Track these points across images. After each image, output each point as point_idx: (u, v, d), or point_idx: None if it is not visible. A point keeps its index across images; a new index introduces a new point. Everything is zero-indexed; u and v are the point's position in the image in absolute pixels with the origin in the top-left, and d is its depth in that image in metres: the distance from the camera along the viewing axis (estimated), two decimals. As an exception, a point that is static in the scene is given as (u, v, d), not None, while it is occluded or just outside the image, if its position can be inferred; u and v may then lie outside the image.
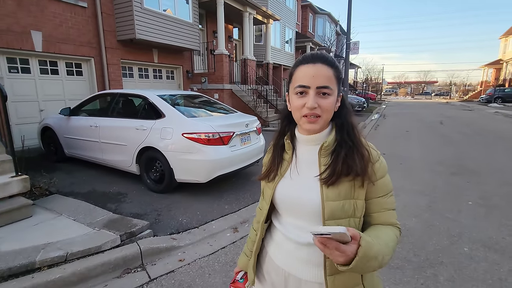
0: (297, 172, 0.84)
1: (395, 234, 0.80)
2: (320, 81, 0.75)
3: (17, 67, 5.83)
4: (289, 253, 0.85)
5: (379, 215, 0.82)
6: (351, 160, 0.77)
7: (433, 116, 15.30)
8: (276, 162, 0.89)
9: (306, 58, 0.79)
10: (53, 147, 5.05)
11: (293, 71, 0.81)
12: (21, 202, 2.84)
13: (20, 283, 1.95)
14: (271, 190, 0.88)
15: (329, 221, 0.76)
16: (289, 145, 0.86)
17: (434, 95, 57.86)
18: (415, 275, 2.19)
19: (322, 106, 0.76)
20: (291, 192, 0.83)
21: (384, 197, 0.81)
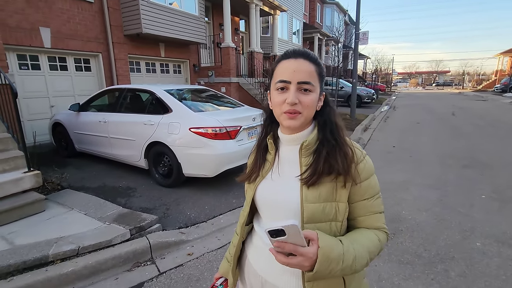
0: (278, 173, 0.82)
1: (378, 237, 0.77)
2: (301, 76, 0.72)
3: (27, 63, 5.91)
4: (266, 259, 0.79)
5: (365, 219, 0.78)
6: (333, 159, 0.74)
7: (445, 107, 14.92)
8: (258, 164, 0.87)
9: (288, 53, 0.77)
10: (64, 143, 5.14)
11: (274, 67, 0.78)
12: (34, 197, 2.91)
13: (35, 276, 2.01)
14: (252, 191, 0.85)
15: (308, 225, 0.73)
16: (272, 145, 0.84)
17: (444, 85, 56.31)
18: (425, 270, 2.16)
19: (303, 103, 0.73)
20: (271, 193, 0.81)
21: (370, 200, 0.78)
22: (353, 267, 0.66)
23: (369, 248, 0.72)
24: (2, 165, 2.94)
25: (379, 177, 0.82)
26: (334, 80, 11.37)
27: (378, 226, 0.79)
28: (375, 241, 0.75)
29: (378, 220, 0.79)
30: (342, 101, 13.68)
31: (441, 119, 10.41)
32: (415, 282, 2.03)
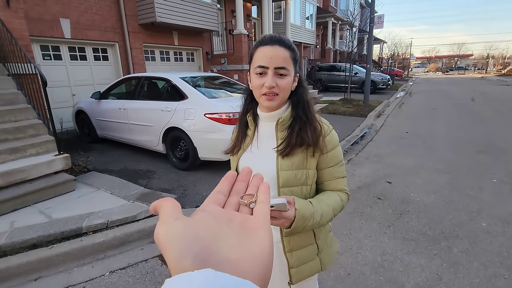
0: (257, 146, 0.94)
1: (340, 197, 0.93)
2: (277, 62, 0.82)
3: (50, 54, 6.20)
4: None
5: (330, 183, 0.94)
6: (304, 133, 0.86)
7: (464, 92, 14.41)
8: (240, 138, 0.98)
9: (265, 40, 0.85)
10: (87, 129, 5.44)
11: (253, 52, 0.87)
12: (65, 177, 3.19)
13: (71, 245, 2.27)
14: (235, 163, 0.98)
15: (283, 188, 0.88)
16: (251, 122, 0.95)
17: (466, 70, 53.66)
18: (428, 246, 2.27)
19: (280, 86, 0.83)
20: (251, 164, 0.91)
21: (334, 167, 0.92)
22: (321, 222, 0.85)
23: (333, 207, 0.89)
24: (36, 148, 3.22)
25: (390, 162, 0.99)
26: (347, 65, 11.18)
27: (341, 188, 0.95)
28: (337, 200, 0.91)
29: (341, 183, 0.95)
30: (356, 87, 13.44)
31: (459, 105, 10.12)
32: (417, 257, 2.15)
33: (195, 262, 0.21)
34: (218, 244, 0.23)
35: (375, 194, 3.20)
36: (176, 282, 0.19)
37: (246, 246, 0.24)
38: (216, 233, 0.25)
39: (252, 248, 0.24)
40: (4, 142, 3.13)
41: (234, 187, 0.34)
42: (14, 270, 2.04)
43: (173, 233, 0.23)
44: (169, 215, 0.25)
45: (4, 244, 2.17)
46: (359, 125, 6.77)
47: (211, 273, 0.19)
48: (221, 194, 0.32)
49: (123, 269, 2.14)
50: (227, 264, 0.22)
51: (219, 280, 0.19)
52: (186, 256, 0.21)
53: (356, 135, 5.88)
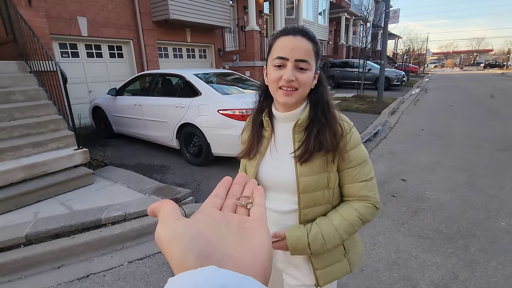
0: (276, 150, 0.87)
1: (358, 214, 0.83)
2: (298, 54, 0.74)
3: (68, 51, 6.38)
4: (272, 222, 0.90)
5: (350, 186, 0.85)
6: (323, 136, 0.79)
7: (483, 89, 13.92)
8: (256, 140, 0.89)
9: (286, 30, 0.78)
10: (103, 125, 5.60)
11: (272, 43, 0.80)
12: (84, 171, 3.30)
13: (92, 235, 2.36)
14: (253, 169, 0.89)
15: (303, 195, 0.83)
16: (268, 122, 0.87)
17: (485, 65, 51.70)
18: (444, 245, 2.24)
19: (300, 80, 0.76)
20: (272, 170, 0.87)
21: (355, 168, 0.83)
22: (325, 248, 0.82)
23: (344, 229, 0.82)
24: (57, 143, 3.34)
25: (404, 160, 0.95)
26: (361, 62, 10.99)
27: (363, 194, 0.84)
28: (353, 219, 0.83)
29: (363, 188, 0.84)
30: (369, 84, 13.22)
31: (478, 102, 9.80)
32: (433, 255, 2.13)
33: (198, 259, 0.21)
34: (220, 241, 0.24)
35: (389, 192, 3.16)
36: (179, 281, 0.19)
37: (246, 244, 0.25)
38: (217, 232, 0.25)
39: (252, 245, 0.25)
40: (27, 136, 3.27)
41: (230, 190, 0.34)
42: (39, 258, 2.14)
43: (174, 232, 0.23)
44: (169, 216, 0.25)
45: (29, 233, 2.27)
46: (373, 122, 6.67)
47: (214, 270, 0.19)
48: (218, 197, 0.32)
49: (140, 259, 2.21)
50: (229, 260, 0.22)
51: (222, 277, 0.19)
52: (189, 253, 0.21)
53: (369, 132, 5.80)
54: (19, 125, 3.25)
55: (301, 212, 0.85)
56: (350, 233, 0.83)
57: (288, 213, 0.87)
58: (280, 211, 0.89)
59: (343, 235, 0.82)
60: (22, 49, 3.98)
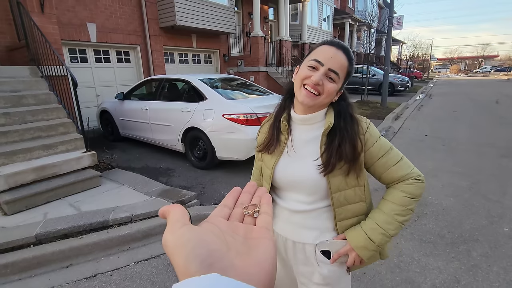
0: (294, 151, 0.90)
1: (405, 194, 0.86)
2: (334, 64, 0.80)
3: (77, 57, 6.54)
4: (285, 220, 0.96)
5: (387, 174, 0.89)
6: (343, 149, 0.83)
7: (488, 95, 13.85)
8: (275, 135, 0.92)
9: (333, 41, 0.84)
10: (110, 128, 5.70)
11: (315, 47, 0.86)
12: (92, 173, 3.38)
13: (99, 236, 2.42)
14: (270, 171, 0.92)
15: (336, 194, 0.86)
16: (285, 126, 0.90)
17: (493, 71, 51.39)
18: (446, 249, 2.25)
19: (325, 87, 0.81)
20: (290, 171, 0.90)
21: (383, 157, 0.88)
22: (387, 236, 0.85)
23: (397, 211, 0.85)
24: (66, 145, 3.43)
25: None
26: (365, 67, 11.04)
27: (402, 175, 0.87)
28: (402, 200, 0.85)
29: (399, 169, 0.87)
30: (373, 89, 13.24)
31: (482, 107, 9.76)
32: (435, 259, 2.15)
33: (202, 266, 0.21)
34: (224, 250, 0.24)
35: (392, 196, 3.18)
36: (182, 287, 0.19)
37: (251, 254, 0.25)
38: (222, 241, 0.25)
39: (257, 255, 0.25)
40: (38, 139, 3.36)
41: (239, 199, 0.34)
42: (49, 257, 2.20)
43: (180, 239, 0.23)
44: (177, 221, 0.26)
45: (39, 233, 2.34)
46: (377, 127, 6.68)
47: (216, 278, 0.20)
48: (226, 207, 0.32)
49: (146, 260, 2.26)
50: (232, 269, 0.22)
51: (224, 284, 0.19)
52: (193, 260, 0.22)
53: (373, 137, 5.81)
54: (30, 128, 3.35)
55: (335, 211, 0.88)
56: (405, 214, 0.85)
57: (302, 213, 0.91)
58: (294, 210, 0.92)
59: (398, 218, 0.84)
60: (34, 54, 4.11)
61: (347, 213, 0.90)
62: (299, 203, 0.92)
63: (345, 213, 0.90)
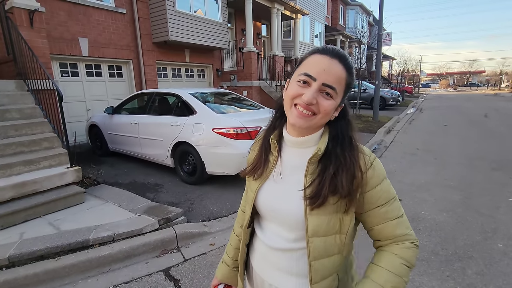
0: (281, 176, 0.76)
1: (402, 261, 0.70)
2: (328, 78, 0.66)
3: (68, 71, 6.49)
4: (262, 256, 0.82)
5: (382, 227, 0.72)
6: (339, 180, 0.67)
7: (477, 109, 14.15)
8: (263, 159, 0.80)
9: (325, 49, 0.69)
10: (99, 143, 5.59)
11: (305, 57, 0.71)
12: (75, 189, 3.25)
13: (78, 257, 2.28)
14: (253, 194, 0.80)
15: (313, 238, 0.69)
16: (275, 145, 0.77)
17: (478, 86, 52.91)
18: (441, 267, 2.18)
19: (321, 106, 0.67)
20: (273, 198, 0.76)
21: (384, 206, 0.71)
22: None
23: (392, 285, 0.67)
24: (49, 161, 3.32)
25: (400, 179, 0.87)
26: (356, 82, 11.23)
27: (398, 234, 0.71)
28: (400, 269, 0.69)
29: (397, 227, 0.71)
30: (365, 103, 13.44)
31: (472, 121, 9.92)
32: (429, 278, 2.06)
33: None
34: None
35: (385, 212, 3.11)
36: None
37: None
38: None
39: None
40: (19, 154, 3.25)
41: None
42: (21, 281, 2.05)
43: None
44: None
45: (13, 254, 2.20)
46: (368, 141, 6.70)
47: None
48: None
49: (127, 283, 2.13)
50: None
51: None
52: None
53: (365, 151, 5.80)
54: (12, 143, 3.24)
55: (311, 266, 0.70)
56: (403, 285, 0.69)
57: (282, 252, 0.76)
58: (272, 246, 0.78)
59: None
60: (21, 68, 4.05)
61: (324, 271, 0.71)
62: (278, 238, 0.77)
63: (322, 270, 0.71)
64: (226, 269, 0.95)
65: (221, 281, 0.96)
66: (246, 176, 0.86)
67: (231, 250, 0.95)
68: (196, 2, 8.32)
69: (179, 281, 2.12)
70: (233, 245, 0.95)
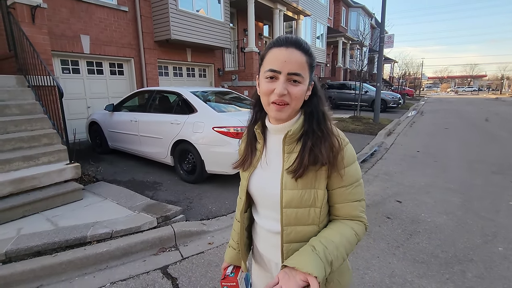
0: (266, 162, 0.84)
1: (354, 232, 0.78)
2: (291, 67, 0.71)
3: (69, 68, 6.49)
4: (264, 240, 0.89)
5: (342, 206, 0.79)
6: (318, 150, 0.74)
7: (478, 112, 14.14)
8: (250, 151, 0.87)
9: (279, 41, 0.73)
10: (99, 140, 5.57)
11: (265, 54, 0.76)
12: (74, 186, 3.24)
13: (75, 254, 2.26)
14: (245, 181, 0.87)
15: (286, 209, 0.76)
16: (260, 135, 0.84)
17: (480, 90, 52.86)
18: (441, 270, 2.16)
19: (292, 94, 0.72)
20: (261, 183, 0.84)
21: (348, 188, 0.78)
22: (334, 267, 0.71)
23: (345, 246, 0.74)
24: (48, 157, 3.30)
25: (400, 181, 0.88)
26: (357, 84, 11.22)
27: (355, 215, 0.80)
28: (351, 237, 0.77)
29: (355, 208, 0.79)
30: (366, 105, 13.42)
31: (473, 125, 9.91)
32: (429, 280, 2.05)
33: None
34: None
35: (384, 213, 3.10)
36: None
37: None
38: None
39: None
40: (19, 150, 3.24)
41: None
42: (18, 277, 2.04)
43: None
44: None
45: (10, 250, 2.18)
46: (369, 143, 6.69)
47: None
48: None
49: (124, 280, 2.11)
50: None
51: None
52: None
53: (365, 152, 5.79)
54: (11, 139, 3.23)
55: (283, 230, 0.78)
56: (349, 252, 0.76)
57: (277, 234, 0.81)
58: (270, 230, 0.84)
59: (344, 254, 0.74)
60: (22, 64, 4.04)
61: (297, 235, 0.78)
62: (273, 221, 0.83)
63: (294, 235, 0.78)
64: (232, 252, 1.01)
65: (229, 264, 1.03)
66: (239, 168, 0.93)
67: (235, 235, 1.00)
68: (199, 1, 8.32)
69: (176, 280, 2.11)
70: (236, 230, 1.00)
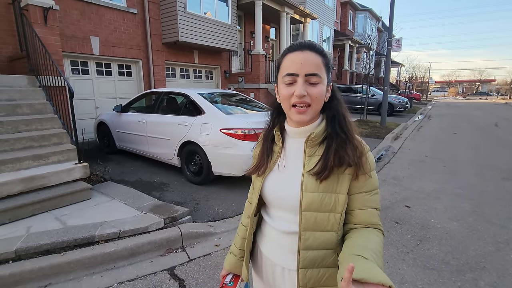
0: (284, 165, 0.83)
1: (380, 240, 0.74)
2: (308, 68, 0.72)
3: (78, 69, 6.58)
4: (274, 242, 0.87)
5: (361, 212, 0.77)
6: (343, 151, 0.74)
7: (487, 118, 13.93)
8: (266, 156, 0.87)
9: (293, 46, 0.76)
10: (106, 140, 5.62)
11: (280, 61, 0.79)
12: (82, 186, 3.27)
13: (83, 253, 2.28)
14: (260, 183, 0.86)
15: (305, 212, 0.75)
16: (279, 136, 0.84)
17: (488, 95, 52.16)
18: (452, 277, 2.11)
19: (312, 95, 0.73)
20: (278, 185, 0.82)
21: (367, 194, 0.77)
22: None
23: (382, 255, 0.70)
24: (58, 156, 3.34)
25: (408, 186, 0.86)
26: (364, 87, 11.16)
27: (373, 222, 0.78)
28: (380, 246, 0.72)
29: (375, 215, 0.78)
30: (373, 109, 13.33)
31: (482, 130, 9.76)
32: (440, 288, 2.01)
33: None
34: None
35: (393, 218, 3.06)
36: None
37: None
38: None
39: None
40: (29, 148, 3.28)
41: None
42: (27, 275, 2.05)
43: None
44: None
45: (19, 248, 2.20)
46: (376, 147, 6.63)
47: None
48: None
49: (131, 280, 2.11)
50: None
51: None
52: None
53: (372, 156, 5.73)
54: (22, 138, 3.27)
55: (301, 235, 0.75)
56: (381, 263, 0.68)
57: (290, 234, 0.81)
58: (283, 230, 0.83)
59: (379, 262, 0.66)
60: (34, 64, 4.11)
61: (315, 241, 0.76)
62: (287, 222, 0.82)
63: (312, 240, 0.76)
64: (233, 259, 0.99)
65: (229, 271, 1.00)
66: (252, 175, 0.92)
67: (239, 240, 0.99)
68: (207, 4, 8.38)
69: (183, 281, 2.10)
70: (240, 235, 0.99)
